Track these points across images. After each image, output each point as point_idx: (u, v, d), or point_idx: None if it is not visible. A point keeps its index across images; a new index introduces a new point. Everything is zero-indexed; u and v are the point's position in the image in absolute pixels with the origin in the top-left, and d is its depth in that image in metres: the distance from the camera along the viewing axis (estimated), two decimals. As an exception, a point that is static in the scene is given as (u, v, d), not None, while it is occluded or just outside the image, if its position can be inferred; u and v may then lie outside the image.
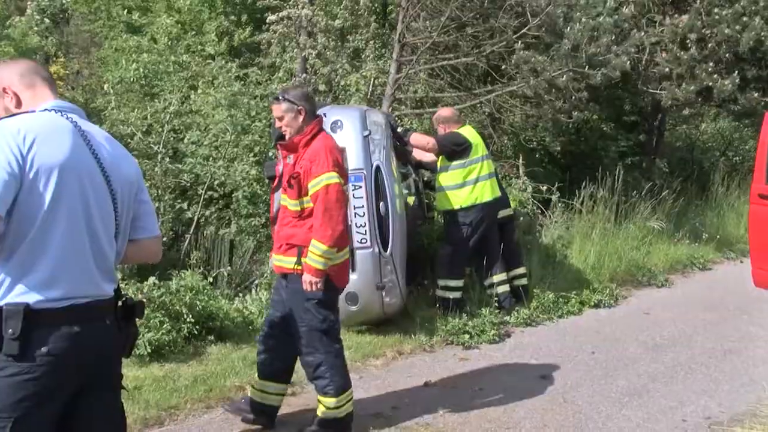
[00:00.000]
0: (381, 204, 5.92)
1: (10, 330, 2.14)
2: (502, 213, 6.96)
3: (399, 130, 6.53)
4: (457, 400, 4.79)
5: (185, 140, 9.08)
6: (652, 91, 10.84)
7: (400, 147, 6.54)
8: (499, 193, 6.68)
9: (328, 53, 11.61)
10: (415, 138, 6.64)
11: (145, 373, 4.97)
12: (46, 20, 17.52)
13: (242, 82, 14.03)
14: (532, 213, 9.23)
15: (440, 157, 6.58)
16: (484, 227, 6.55)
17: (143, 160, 8.85)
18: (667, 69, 10.23)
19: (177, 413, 4.44)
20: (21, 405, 2.16)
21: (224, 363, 5.27)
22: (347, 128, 5.98)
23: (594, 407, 4.74)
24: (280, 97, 4.11)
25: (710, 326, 6.70)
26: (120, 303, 2.46)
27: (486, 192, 6.51)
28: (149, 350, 5.14)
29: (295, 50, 12.43)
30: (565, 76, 8.90)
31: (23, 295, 2.18)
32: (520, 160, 10.09)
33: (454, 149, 6.48)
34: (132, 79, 11.98)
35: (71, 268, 2.26)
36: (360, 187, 5.84)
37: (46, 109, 2.37)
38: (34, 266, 2.20)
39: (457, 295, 6.53)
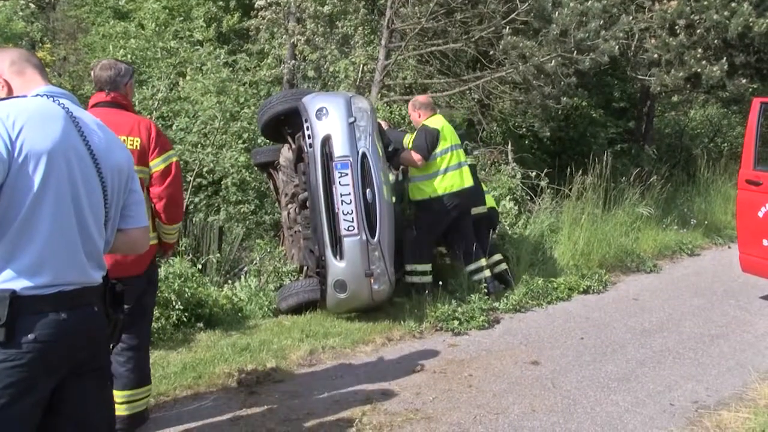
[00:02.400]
0: (368, 191, 5.91)
1: None
2: (475, 210, 6.96)
3: (390, 149, 6.49)
4: (447, 386, 4.80)
5: (173, 127, 9.01)
6: (641, 77, 10.83)
7: (390, 155, 6.56)
8: (471, 183, 6.66)
9: (317, 39, 11.54)
10: (405, 156, 6.59)
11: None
12: (32, 5, 17.35)
13: (231, 69, 13.99)
14: (521, 199, 9.24)
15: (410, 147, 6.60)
16: (455, 215, 6.55)
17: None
18: (656, 55, 10.24)
19: (166, 400, 4.43)
20: (7, 392, 2.14)
21: (213, 350, 5.26)
22: (332, 115, 5.96)
23: (583, 392, 4.75)
24: None
25: (698, 311, 6.74)
26: (107, 290, 2.45)
27: (456, 181, 6.51)
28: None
29: (284, 36, 12.36)
30: (553, 61, 8.90)
31: (10, 281, 2.17)
32: (509, 147, 10.09)
33: (431, 147, 6.47)
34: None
35: (59, 254, 2.24)
36: (346, 174, 5.83)
37: (38, 95, 2.36)
38: (21, 252, 2.19)
39: (426, 279, 6.55)
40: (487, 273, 6.66)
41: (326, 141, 5.92)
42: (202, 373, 4.79)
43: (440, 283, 6.51)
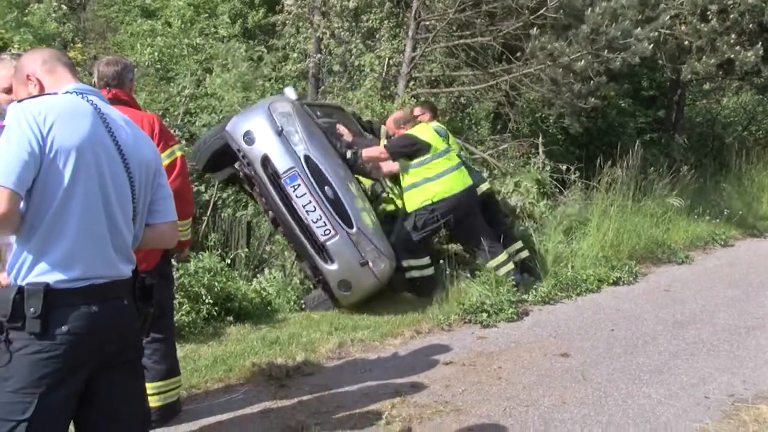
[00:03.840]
0: (326, 188, 5.89)
1: (32, 309, 2.17)
2: (481, 188, 6.94)
3: (348, 156, 6.43)
4: (476, 378, 4.77)
5: (196, 123, 9.08)
6: (670, 65, 10.66)
7: (360, 166, 6.59)
8: (470, 181, 6.59)
9: (342, 33, 11.55)
10: (367, 153, 6.54)
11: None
12: (64, 6, 17.62)
13: (256, 64, 14.05)
14: (551, 192, 9.16)
15: (399, 160, 6.56)
16: (456, 216, 6.46)
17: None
18: (686, 42, 10.06)
19: (198, 392, 4.46)
20: (43, 382, 2.18)
21: (243, 343, 5.29)
22: (259, 135, 5.90)
23: (614, 384, 4.70)
24: None
25: (733, 303, 6.63)
26: (137, 284, 2.47)
27: (455, 183, 6.45)
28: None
29: (309, 31, 12.38)
30: (583, 60, 8.77)
31: (43, 274, 2.21)
32: (540, 139, 9.98)
33: (404, 150, 6.43)
34: (147, 64, 12.01)
35: (88, 248, 2.28)
36: (298, 185, 5.82)
37: (67, 92, 2.40)
38: (53, 246, 2.23)
39: (428, 272, 6.52)
40: (510, 266, 6.60)
41: (265, 161, 5.89)
42: (233, 366, 4.82)
43: (468, 275, 6.49)
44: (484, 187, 7.09)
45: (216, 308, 5.62)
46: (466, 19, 9.82)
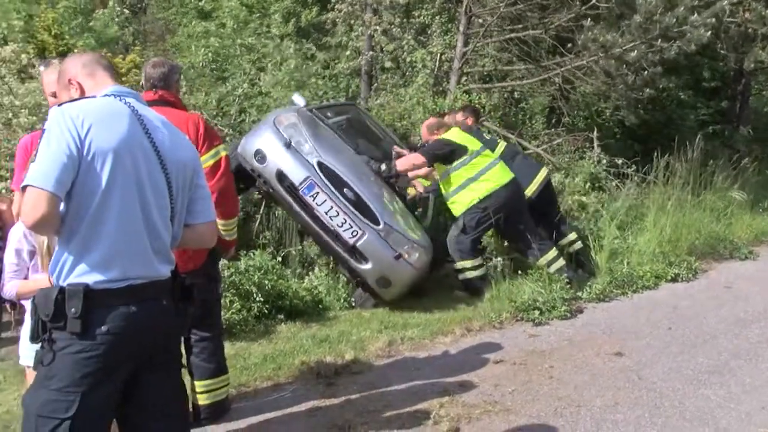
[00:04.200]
0: (345, 190, 5.88)
1: (73, 309, 2.21)
2: (541, 175, 6.87)
3: (383, 168, 6.43)
4: (527, 378, 4.70)
5: (246, 121, 9.19)
6: (733, 54, 10.30)
7: (393, 181, 6.54)
8: (512, 175, 6.50)
9: (394, 30, 11.53)
10: (402, 163, 6.50)
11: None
12: (126, 11, 18.11)
13: (309, 63, 14.13)
14: (606, 187, 8.97)
15: (437, 167, 6.50)
16: (506, 212, 6.36)
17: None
18: (750, 29, 9.69)
19: (247, 390, 4.50)
20: (85, 380, 2.23)
21: (293, 341, 5.32)
22: (270, 153, 5.90)
23: (670, 385, 4.56)
24: None
25: (799, 300, 6.37)
26: (177, 284, 2.50)
27: (499, 178, 6.39)
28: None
29: (361, 28, 12.39)
30: (636, 50, 8.55)
31: (83, 275, 2.25)
32: (595, 133, 9.78)
33: (440, 153, 6.38)
34: (202, 64, 12.21)
35: (127, 249, 2.31)
36: (317, 193, 5.81)
37: (106, 95, 2.43)
38: (92, 247, 2.27)
39: (479, 272, 6.43)
40: (561, 263, 6.49)
41: (281, 176, 5.89)
42: (282, 365, 4.85)
43: (519, 272, 6.40)
44: (543, 173, 7.02)
45: (267, 306, 5.66)
46: (517, 12, 9.69)
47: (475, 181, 6.32)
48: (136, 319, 2.30)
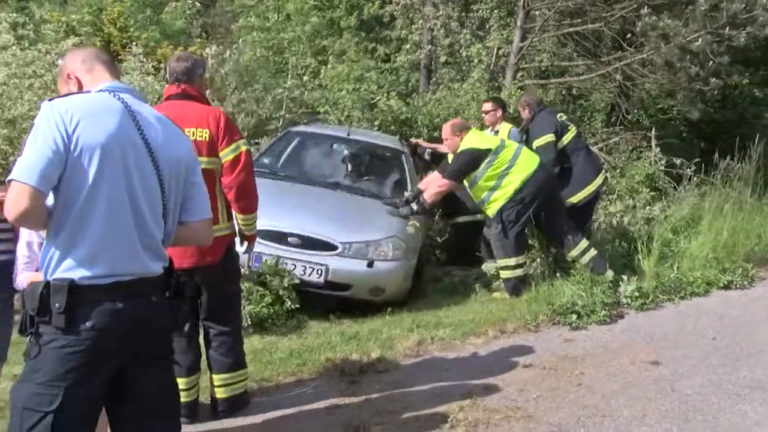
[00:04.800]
0: (289, 239, 5.94)
1: (57, 304, 2.24)
2: (597, 183, 6.76)
3: (415, 209, 6.48)
4: (555, 384, 4.56)
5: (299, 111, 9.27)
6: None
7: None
8: (538, 158, 6.37)
9: (452, 24, 11.41)
10: (431, 195, 6.45)
11: (246, 347, 5.10)
12: (198, 3, 18.52)
13: (370, 56, 14.14)
14: (663, 188, 8.66)
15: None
16: (539, 201, 6.23)
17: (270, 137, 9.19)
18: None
19: (269, 385, 4.52)
20: (70, 375, 2.25)
21: (322, 337, 5.31)
22: None
23: (705, 398, 4.36)
24: None
25: None
26: (171, 281, 2.51)
27: (526, 165, 6.24)
28: (250, 322, 5.29)
29: (420, 22, 12.32)
30: (701, 39, 8.21)
31: (69, 270, 2.27)
32: (653, 132, 9.44)
33: (468, 168, 6.26)
34: (257, 57, 12.35)
35: (114, 245, 2.32)
36: (266, 261, 5.77)
37: (100, 90, 2.45)
38: (79, 243, 2.28)
39: (520, 272, 6.30)
40: (593, 252, 6.31)
41: None
42: (307, 360, 4.84)
43: (558, 274, 6.23)
44: (599, 180, 6.87)
45: (297, 300, 5.66)
46: (576, 6, 9.43)
47: (506, 176, 6.19)
48: (122, 316, 2.31)
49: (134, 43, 11.44)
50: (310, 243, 5.90)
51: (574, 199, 6.66)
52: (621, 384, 4.56)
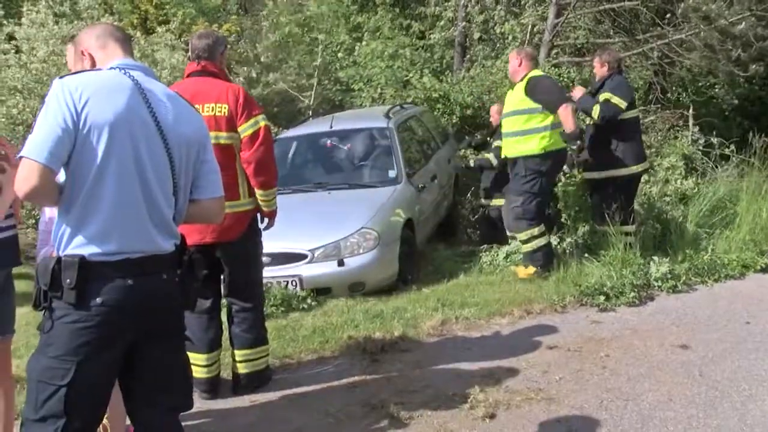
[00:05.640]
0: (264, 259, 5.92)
1: (68, 280, 2.26)
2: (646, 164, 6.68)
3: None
4: (579, 366, 4.48)
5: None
6: None
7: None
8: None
9: (486, 0, 11.23)
10: (569, 124, 6.14)
11: (270, 324, 5.13)
12: (234, -21, 18.50)
13: (405, 33, 14.01)
14: (701, 168, 8.43)
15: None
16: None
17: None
18: None
19: (290, 362, 4.54)
20: (81, 350, 2.27)
21: (346, 315, 5.32)
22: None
23: (734, 384, 4.22)
24: None
25: None
26: (183, 258, 2.50)
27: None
28: (278, 302, 5.33)
29: (454, -1, 12.16)
30: (744, 22, 7.91)
31: (80, 247, 2.29)
32: (690, 111, 9.18)
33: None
34: (289, 32, 12.33)
35: (124, 222, 2.33)
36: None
37: (111, 68, 2.44)
38: (89, 219, 2.30)
39: (542, 241, 6.18)
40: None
41: None
42: (330, 338, 4.86)
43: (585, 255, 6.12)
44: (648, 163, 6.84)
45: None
46: (613, -20, 9.19)
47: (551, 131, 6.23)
48: (132, 293, 2.32)
49: (174, 19, 11.48)
50: (282, 258, 5.90)
51: (626, 171, 6.49)
52: (647, 367, 4.46)
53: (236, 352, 4.11)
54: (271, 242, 5.90)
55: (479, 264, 6.87)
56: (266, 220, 4.24)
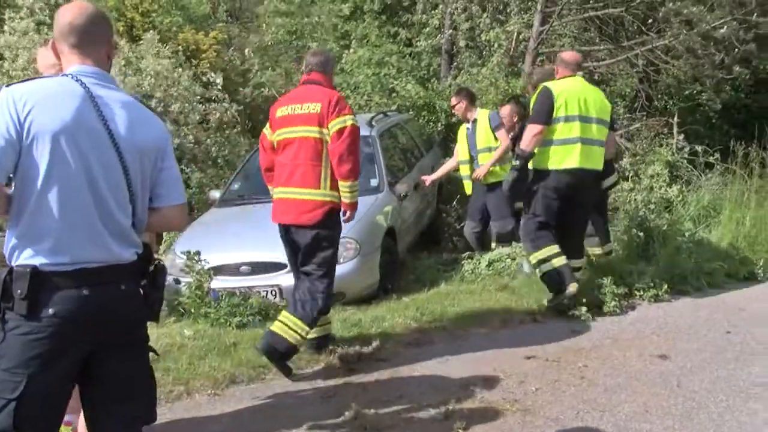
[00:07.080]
0: (242, 269, 5.98)
1: (19, 290, 2.20)
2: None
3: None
4: (556, 376, 4.44)
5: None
6: None
7: None
8: (594, 166, 5.60)
9: (473, 7, 11.22)
10: (526, 142, 5.67)
11: (247, 333, 5.08)
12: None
13: (392, 40, 13.99)
14: (685, 176, 8.43)
15: None
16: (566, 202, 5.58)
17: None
18: None
19: (265, 373, 4.48)
20: (33, 362, 2.21)
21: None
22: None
23: (712, 395, 4.17)
24: None
25: None
26: (147, 268, 2.46)
27: (573, 158, 5.50)
28: (254, 311, 5.32)
29: (441, 6, 12.15)
30: (726, 26, 7.93)
31: (32, 257, 2.23)
32: (675, 118, 9.18)
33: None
34: (279, 40, 12.29)
35: (75, 232, 2.27)
36: (224, 295, 5.71)
37: (64, 74, 2.39)
38: (39, 229, 2.24)
39: (560, 261, 5.49)
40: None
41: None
42: (306, 348, 4.78)
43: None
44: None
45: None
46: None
47: (555, 146, 5.67)
48: (86, 303, 2.26)
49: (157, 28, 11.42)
50: (261, 267, 5.86)
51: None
52: (625, 378, 4.42)
53: (285, 312, 4.44)
54: (249, 251, 5.93)
55: (461, 272, 6.81)
56: (347, 213, 4.52)
